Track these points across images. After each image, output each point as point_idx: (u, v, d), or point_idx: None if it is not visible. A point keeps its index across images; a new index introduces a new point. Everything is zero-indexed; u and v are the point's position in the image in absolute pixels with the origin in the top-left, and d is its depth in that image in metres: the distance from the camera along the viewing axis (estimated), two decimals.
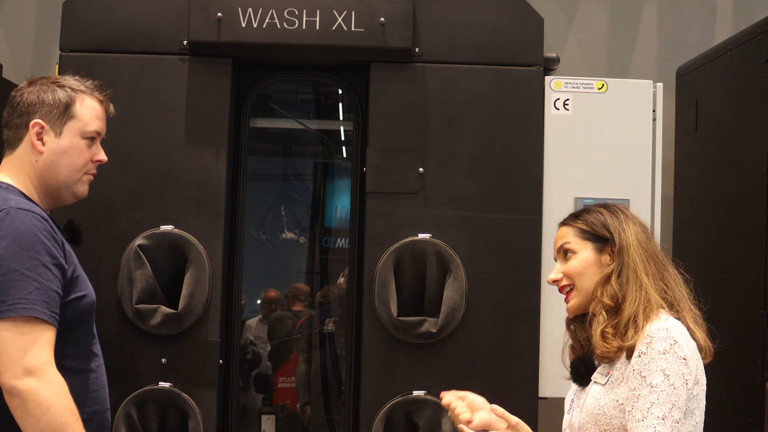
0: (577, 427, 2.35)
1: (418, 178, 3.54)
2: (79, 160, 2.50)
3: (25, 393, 2.21)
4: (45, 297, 2.26)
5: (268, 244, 4.47)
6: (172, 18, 3.52)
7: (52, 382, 2.24)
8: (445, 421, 3.43)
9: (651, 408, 2.18)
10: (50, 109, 2.46)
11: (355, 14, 3.50)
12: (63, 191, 2.50)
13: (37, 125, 2.45)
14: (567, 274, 2.42)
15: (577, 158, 3.61)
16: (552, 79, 3.62)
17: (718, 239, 4.11)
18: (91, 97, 2.53)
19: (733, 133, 4.01)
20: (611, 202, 2.51)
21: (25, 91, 2.50)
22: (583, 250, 2.41)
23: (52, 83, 2.51)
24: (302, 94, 4.35)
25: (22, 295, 2.24)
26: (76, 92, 2.51)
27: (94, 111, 2.52)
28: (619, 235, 2.38)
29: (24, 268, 2.25)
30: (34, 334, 2.24)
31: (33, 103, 2.47)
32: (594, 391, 2.33)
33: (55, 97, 2.47)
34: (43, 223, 2.33)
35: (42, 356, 2.24)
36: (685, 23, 5.07)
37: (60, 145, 2.47)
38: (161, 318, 3.40)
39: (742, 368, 3.69)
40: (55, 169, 2.47)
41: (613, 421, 2.26)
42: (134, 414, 3.38)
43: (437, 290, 3.49)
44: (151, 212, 3.48)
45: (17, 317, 2.23)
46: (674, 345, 2.22)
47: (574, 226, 2.44)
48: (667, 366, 2.20)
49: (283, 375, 4.37)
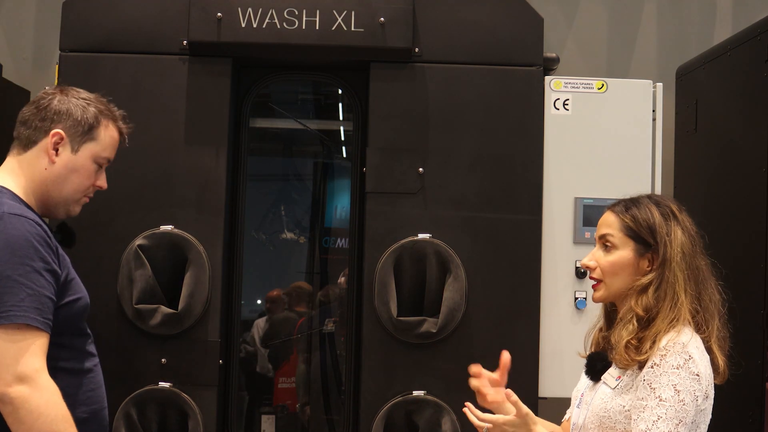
0: (581, 424, 2.35)
1: (418, 178, 3.54)
2: (86, 181, 2.50)
3: (17, 400, 2.20)
4: (38, 303, 2.25)
5: (268, 244, 4.47)
6: (172, 18, 3.53)
7: (44, 389, 2.23)
8: (445, 421, 3.43)
9: (657, 421, 2.15)
10: (75, 124, 2.46)
11: (355, 14, 3.50)
12: (60, 207, 2.50)
13: (58, 135, 2.45)
14: (601, 268, 2.36)
15: (576, 158, 3.61)
16: (552, 79, 3.62)
17: (718, 239, 4.10)
18: (115, 126, 2.55)
19: (733, 133, 4.01)
20: (664, 196, 2.42)
21: (56, 99, 2.49)
22: (623, 248, 2.34)
23: (83, 99, 2.51)
24: (302, 94, 4.35)
25: (14, 302, 2.22)
26: (104, 116, 2.52)
27: (113, 140, 2.54)
28: (665, 246, 2.30)
29: (16, 275, 2.24)
30: (27, 341, 2.22)
31: (60, 112, 2.46)
32: (602, 393, 2.31)
33: (84, 115, 2.47)
34: (37, 228, 2.31)
35: (34, 363, 2.22)
36: (685, 23, 5.08)
37: (74, 161, 2.47)
38: (161, 318, 3.40)
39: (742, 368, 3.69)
40: (62, 184, 2.47)
41: (618, 426, 2.24)
42: (134, 414, 3.38)
43: (437, 290, 3.49)
44: (151, 212, 3.48)
45: (9, 324, 2.21)
46: (689, 360, 2.19)
47: (622, 219, 2.35)
48: (679, 381, 2.17)
49: (283, 375, 4.37)
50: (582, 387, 2.43)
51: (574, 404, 2.46)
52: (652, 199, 2.39)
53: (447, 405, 3.45)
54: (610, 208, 2.41)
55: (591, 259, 2.39)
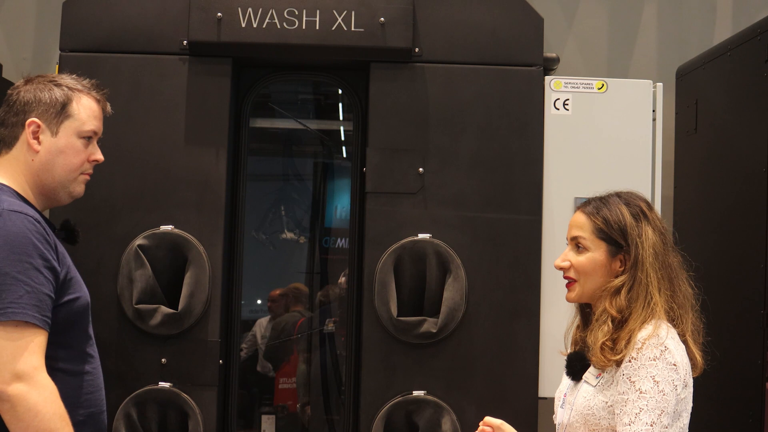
0: (566, 424, 2.36)
1: (418, 178, 3.54)
2: (76, 159, 2.48)
3: (15, 398, 2.19)
4: (36, 301, 2.24)
5: (268, 244, 4.46)
6: (172, 18, 3.53)
7: (42, 387, 2.22)
8: (445, 421, 3.43)
9: (639, 414, 2.18)
10: (47, 108, 2.44)
11: (355, 14, 3.50)
12: (59, 191, 2.49)
13: (33, 124, 2.43)
14: (575, 268, 2.39)
15: (576, 158, 3.61)
16: (552, 79, 3.62)
17: (718, 239, 4.11)
18: (88, 96, 2.52)
19: (733, 133, 4.01)
20: (633, 194, 2.42)
21: (21, 90, 2.48)
22: (596, 250, 2.37)
23: (48, 82, 2.49)
24: (302, 94, 4.35)
25: (12, 299, 2.22)
26: (73, 91, 2.49)
27: (91, 110, 2.51)
28: (637, 248, 2.32)
29: (15, 272, 2.23)
30: (25, 339, 2.22)
31: (29, 101, 2.45)
32: (584, 391, 2.34)
33: (51, 96, 2.45)
34: (36, 225, 2.30)
35: (32, 361, 2.22)
36: (685, 23, 5.08)
37: (56, 144, 2.45)
38: (161, 318, 3.40)
39: (742, 368, 3.69)
40: (51, 169, 2.45)
41: (602, 422, 2.28)
42: (134, 414, 3.38)
43: (437, 290, 3.49)
44: (151, 212, 3.48)
45: (7, 322, 2.21)
46: (665, 351, 2.23)
47: (593, 221, 2.37)
48: (657, 372, 2.21)
49: (283, 376, 4.37)
50: (564, 388, 2.46)
51: (557, 405, 2.48)
52: (622, 199, 2.40)
53: (447, 405, 3.45)
54: (581, 209, 2.43)
55: (564, 259, 2.42)
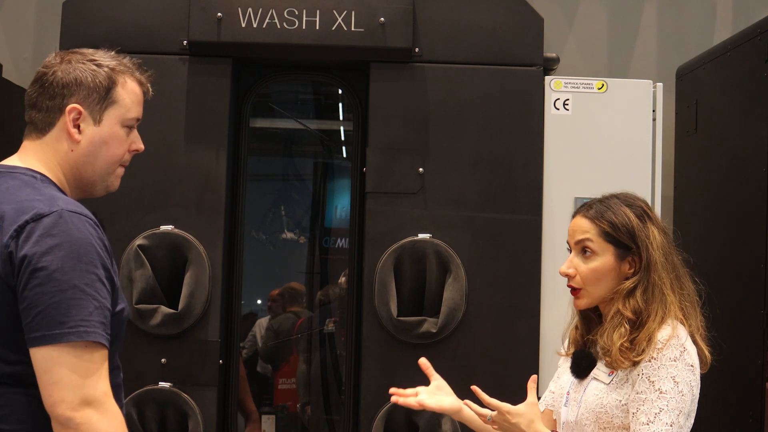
0: (573, 421, 2.35)
1: (418, 178, 3.54)
2: (119, 150, 2.20)
3: (83, 426, 1.93)
4: (102, 318, 1.99)
5: (268, 244, 4.47)
6: (172, 18, 3.52)
7: (112, 415, 1.98)
8: (445, 421, 3.43)
9: (659, 414, 2.18)
10: (89, 92, 2.14)
11: (355, 14, 3.50)
12: (98, 184, 2.22)
13: (75, 110, 2.12)
14: (582, 276, 2.34)
15: (577, 158, 3.60)
16: (552, 79, 3.62)
17: (718, 239, 4.11)
18: (132, 79, 2.23)
19: (733, 133, 4.01)
20: (631, 195, 2.39)
21: (59, 69, 2.14)
22: (604, 254, 2.32)
23: (89, 61, 2.17)
24: (302, 94, 4.35)
25: (83, 317, 1.95)
26: (117, 73, 2.19)
27: (135, 95, 2.23)
28: (647, 249, 2.29)
29: (83, 284, 1.96)
30: (95, 361, 1.96)
31: (69, 84, 2.13)
32: (595, 389, 2.32)
33: (95, 79, 2.15)
34: (96, 230, 2.06)
35: (102, 386, 1.97)
36: (685, 23, 5.08)
37: (100, 134, 2.16)
38: (161, 318, 3.40)
39: (742, 368, 3.69)
40: (93, 161, 2.16)
41: (615, 420, 2.26)
42: (134, 414, 3.38)
43: (437, 290, 3.49)
44: (151, 212, 3.48)
45: (78, 342, 1.94)
46: (684, 353, 2.23)
47: (599, 225, 2.33)
48: (677, 373, 2.21)
49: (283, 376, 4.37)
50: (566, 385, 2.43)
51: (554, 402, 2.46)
52: (622, 200, 2.37)
53: None
54: (582, 213, 2.38)
55: (570, 266, 2.36)
